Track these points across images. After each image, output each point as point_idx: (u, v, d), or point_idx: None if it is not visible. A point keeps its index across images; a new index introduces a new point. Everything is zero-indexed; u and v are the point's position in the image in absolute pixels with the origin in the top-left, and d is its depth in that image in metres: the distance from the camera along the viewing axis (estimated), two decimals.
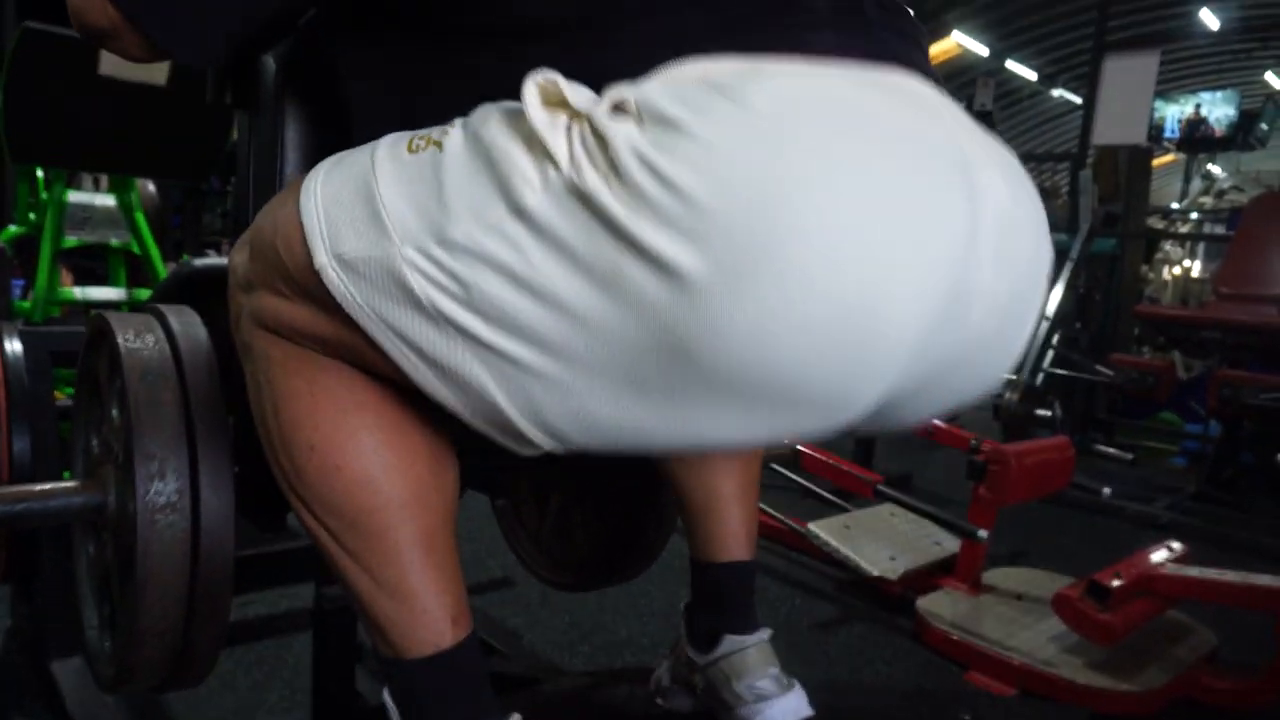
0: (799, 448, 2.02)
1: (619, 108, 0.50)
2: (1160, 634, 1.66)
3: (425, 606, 0.63)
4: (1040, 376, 3.02)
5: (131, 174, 2.67)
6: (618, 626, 1.70)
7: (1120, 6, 6.77)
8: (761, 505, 2.00)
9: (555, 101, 0.51)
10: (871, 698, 1.51)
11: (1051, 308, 3.13)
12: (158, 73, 2.31)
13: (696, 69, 0.52)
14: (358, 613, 0.66)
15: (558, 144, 0.50)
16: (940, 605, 1.78)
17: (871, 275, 0.49)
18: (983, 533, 1.70)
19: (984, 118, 3.05)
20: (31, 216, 2.82)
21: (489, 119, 0.54)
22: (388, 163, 0.57)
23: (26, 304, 2.59)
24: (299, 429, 0.62)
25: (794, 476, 2.21)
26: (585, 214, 0.49)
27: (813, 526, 2.02)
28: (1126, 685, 1.48)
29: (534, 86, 0.51)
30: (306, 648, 1.45)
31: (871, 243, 0.49)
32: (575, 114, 0.51)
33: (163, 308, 0.88)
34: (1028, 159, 6.38)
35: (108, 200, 2.85)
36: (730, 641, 0.88)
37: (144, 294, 2.80)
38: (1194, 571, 1.57)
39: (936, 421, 2.36)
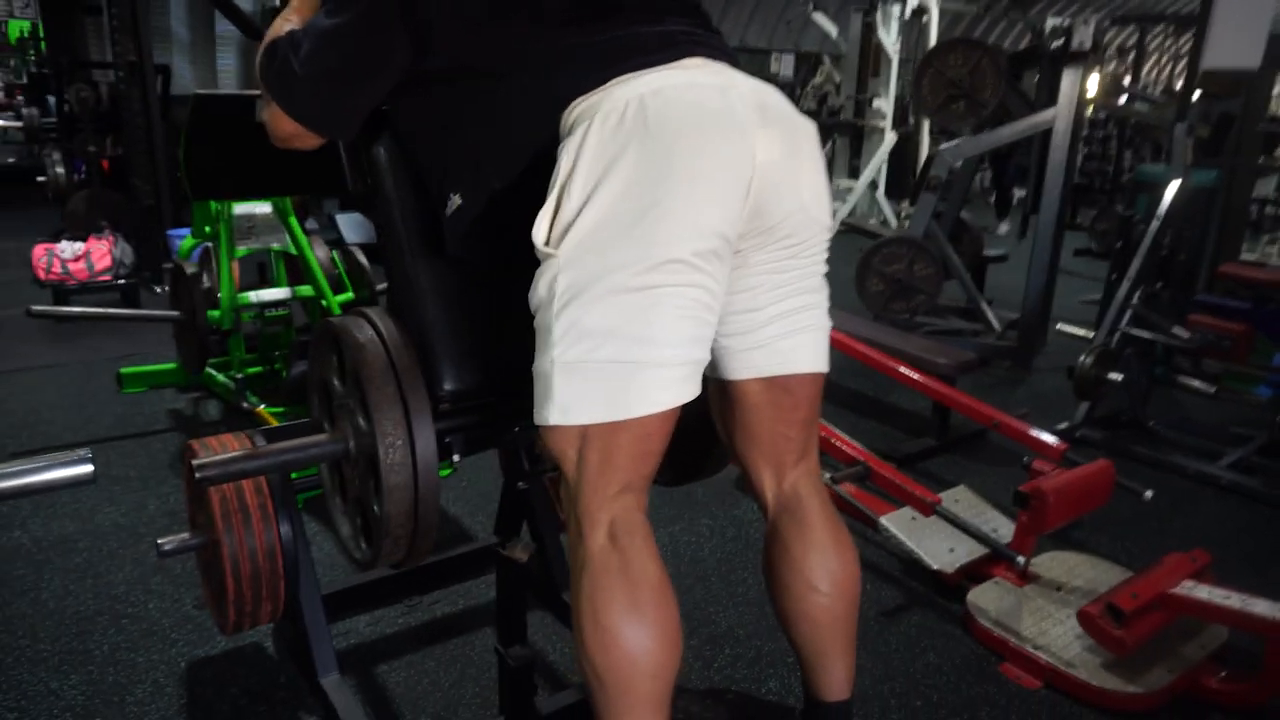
0: (869, 465, 2.34)
1: (563, 179, 1.01)
2: (1175, 631, 1.97)
3: None
4: (1116, 337, 3.18)
5: (284, 194, 3.07)
6: (717, 618, 2.12)
7: None
8: (843, 492, 2.36)
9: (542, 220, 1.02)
10: (916, 693, 1.89)
11: (1133, 268, 3.23)
12: None
13: (582, 104, 1.03)
14: None
15: (542, 232, 1.04)
16: (986, 599, 2.12)
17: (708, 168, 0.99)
18: (1020, 559, 2.01)
19: None
20: (206, 229, 3.29)
21: (534, 285, 1.07)
22: (537, 361, 1.07)
23: (216, 313, 3.09)
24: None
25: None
26: (581, 224, 1.00)
27: (883, 520, 2.37)
28: (1133, 687, 1.82)
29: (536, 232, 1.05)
30: (487, 643, 1.93)
31: (689, 173, 0.98)
32: (548, 214, 1.03)
33: (368, 311, 1.32)
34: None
35: (265, 208, 3.27)
36: None
37: (303, 290, 3.26)
38: (1203, 594, 1.86)
39: (1002, 416, 2.62)
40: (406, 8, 1.08)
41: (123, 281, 4.53)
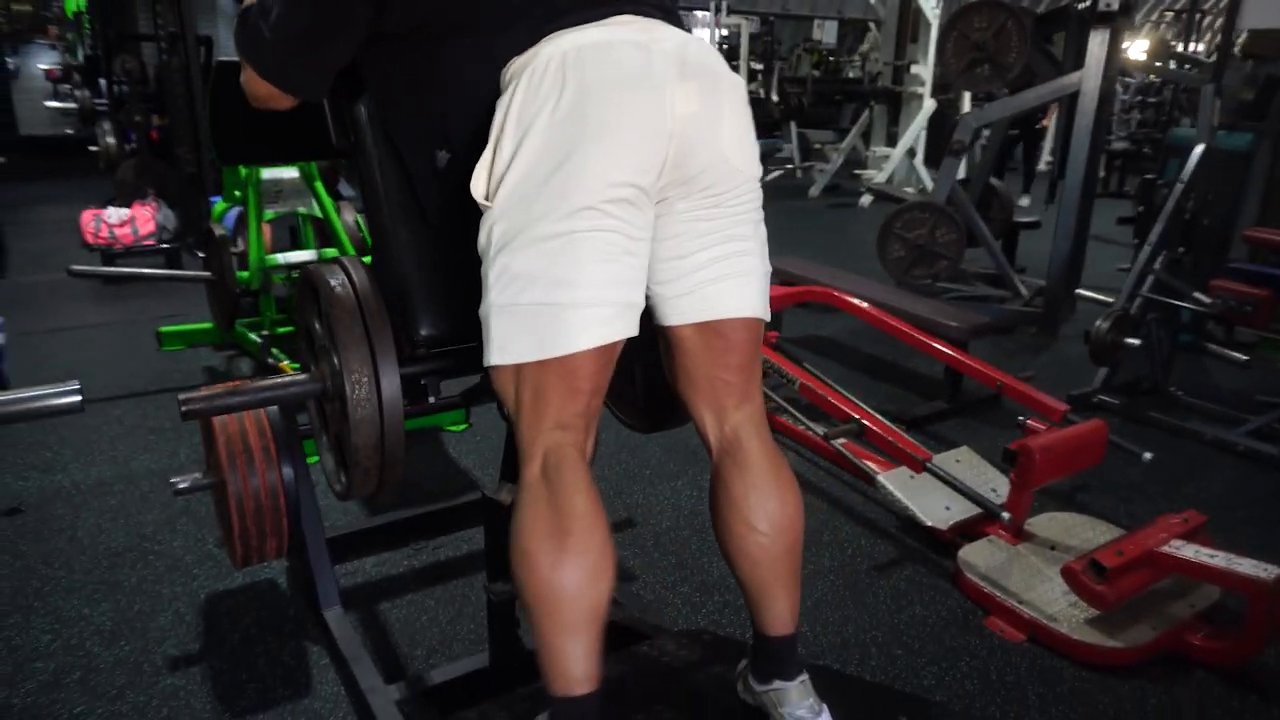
0: (864, 422, 2.37)
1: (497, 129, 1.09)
2: (1165, 590, 1.98)
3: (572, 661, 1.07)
4: (1136, 302, 3.13)
5: (307, 160, 3.16)
6: (710, 567, 2.18)
7: None
8: (842, 448, 2.40)
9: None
10: (897, 643, 1.94)
11: (1154, 233, 3.18)
12: None
13: (516, 62, 1.10)
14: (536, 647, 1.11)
15: (479, 186, 1.11)
16: (978, 555, 2.15)
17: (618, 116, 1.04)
18: (1006, 515, 2.03)
19: None
20: (236, 193, 3.41)
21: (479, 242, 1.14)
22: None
23: (245, 274, 3.22)
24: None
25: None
26: (511, 179, 1.07)
27: (880, 477, 2.40)
28: (1114, 642, 1.84)
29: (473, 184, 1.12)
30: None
31: (603, 125, 1.04)
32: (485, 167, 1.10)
33: (344, 260, 1.40)
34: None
35: (292, 173, 3.38)
36: (778, 683, 1.27)
37: (329, 253, 3.37)
38: (1189, 552, 1.86)
39: (1006, 377, 2.62)
40: None
41: (166, 246, 4.71)
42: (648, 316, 1.19)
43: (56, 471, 2.57)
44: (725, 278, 1.18)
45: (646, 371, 1.59)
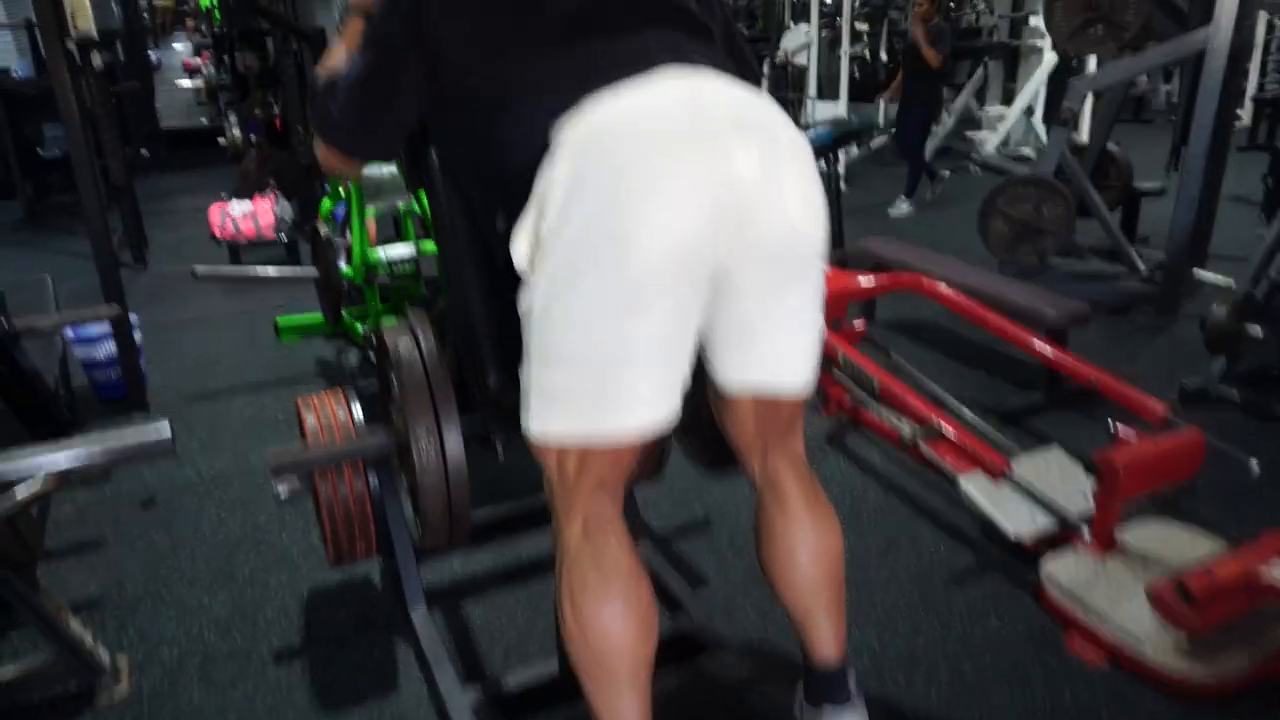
0: (944, 425, 2.31)
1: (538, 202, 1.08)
2: (1271, 614, 1.86)
3: None
4: (1262, 286, 2.90)
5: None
6: None
7: None
8: (925, 446, 2.34)
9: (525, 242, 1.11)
10: (968, 659, 1.91)
11: None
12: None
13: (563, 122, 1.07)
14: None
15: (523, 251, 1.11)
16: (1062, 568, 2.07)
17: (669, 190, 1.00)
18: (1086, 531, 1.95)
19: None
20: (340, 191, 3.59)
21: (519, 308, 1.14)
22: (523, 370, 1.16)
23: (349, 270, 3.39)
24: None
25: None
26: (550, 255, 1.05)
27: (962, 481, 2.33)
28: (1203, 673, 1.75)
29: (517, 251, 1.13)
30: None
31: (645, 196, 0.99)
32: (530, 239, 1.09)
33: (412, 319, 1.49)
34: None
35: (391, 169, 3.52)
36: (829, 708, 1.30)
37: (428, 246, 3.50)
38: None
39: (1100, 374, 2.49)
40: (414, 36, 1.19)
41: (284, 237, 5.00)
42: None
43: (186, 464, 2.82)
44: (783, 352, 1.17)
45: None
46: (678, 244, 1.00)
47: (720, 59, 1.18)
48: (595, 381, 1.04)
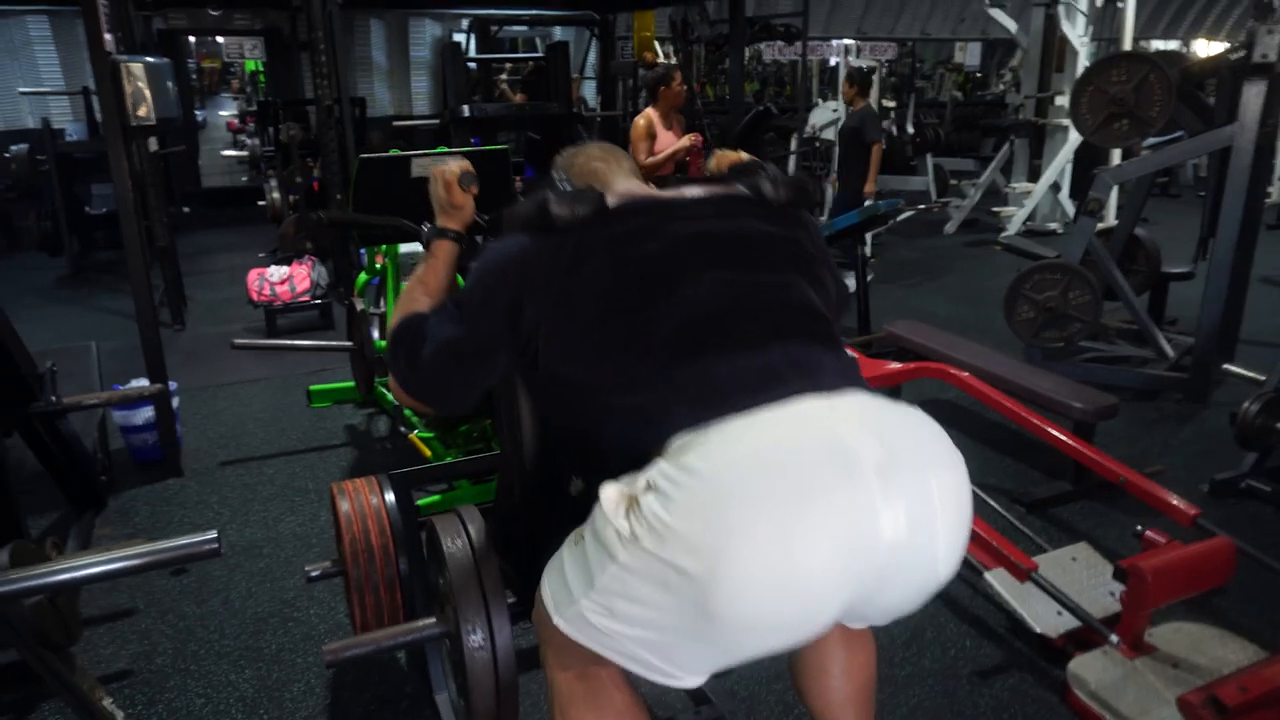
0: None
1: (648, 485, 0.98)
2: None
3: None
4: None
5: None
6: None
7: None
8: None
9: (623, 494, 1.00)
10: None
11: None
12: None
13: (678, 441, 1.00)
14: None
15: (620, 523, 0.98)
16: (1089, 669, 2.05)
17: (788, 567, 0.91)
18: (1114, 638, 1.93)
19: None
20: (377, 266, 3.70)
21: (595, 519, 1.03)
22: (567, 552, 1.09)
23: (382, 343, 3.48)
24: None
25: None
26: (642, 552, 0.95)
27: (988, 575, 2.33)
28: None
29: (610, 491, 1.01)
30: None
31: (785, 547, 0.91)
32: (631, 497, 0.99)
33: (462, 513, 1.52)
34: None
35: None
36: None
37: None
38: None
39: (1129, 472, 2.48)
40: (513, 329, 1.17)
41: (318, 302, 5.13)
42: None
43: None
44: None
45: None
46: (783, 621, 0.96)
47: (855, 373, 1.12)
48: (661, 655, 1.01)
